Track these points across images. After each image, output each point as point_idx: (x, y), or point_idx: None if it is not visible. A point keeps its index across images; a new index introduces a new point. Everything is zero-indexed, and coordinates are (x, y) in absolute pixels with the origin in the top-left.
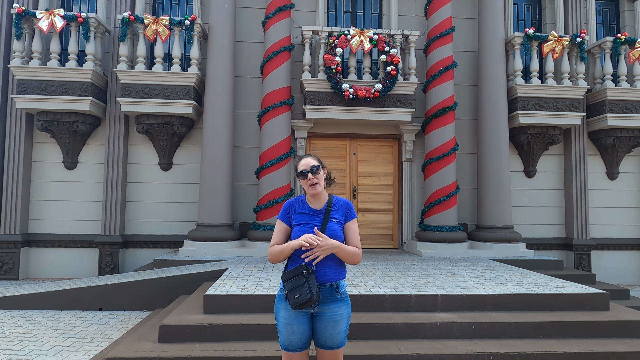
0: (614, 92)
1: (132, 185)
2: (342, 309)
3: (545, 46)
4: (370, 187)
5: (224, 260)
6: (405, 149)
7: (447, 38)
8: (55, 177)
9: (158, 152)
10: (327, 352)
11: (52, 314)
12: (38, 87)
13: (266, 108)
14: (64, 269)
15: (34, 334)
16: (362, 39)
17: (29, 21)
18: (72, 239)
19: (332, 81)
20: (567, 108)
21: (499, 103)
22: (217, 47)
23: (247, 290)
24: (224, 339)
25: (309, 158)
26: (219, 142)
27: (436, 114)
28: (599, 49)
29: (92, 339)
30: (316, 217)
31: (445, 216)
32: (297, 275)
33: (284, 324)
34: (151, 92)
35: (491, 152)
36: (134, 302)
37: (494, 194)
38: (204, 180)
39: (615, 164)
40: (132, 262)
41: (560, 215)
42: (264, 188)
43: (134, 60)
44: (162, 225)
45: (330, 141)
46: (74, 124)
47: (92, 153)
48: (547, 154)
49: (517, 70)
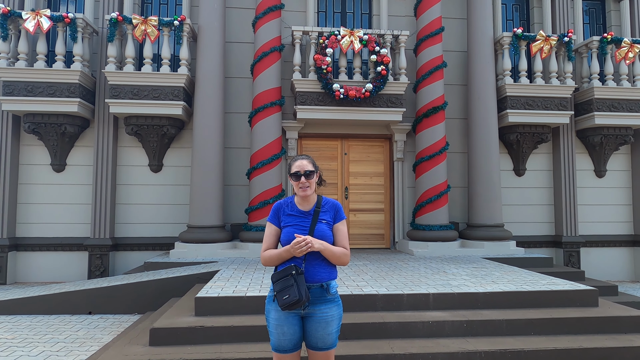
0: (601, 91)
1: (121, 187)
2: (332, 310)
3: (533, 46)
4: (362, 187)
5: (215, 262)
6: (397, 149)
7: (437, 38)
8: (43, 179)
9: (148, 154)
10: (318, 353)
11: (41, 318)
12: (25, 89)
13: (257, 109)
14: (53, 272)
15: (22, 339)
16: (353, 39)
17: (14, 22)
18: (61, 242)
19: (323, 81)
20: (555, 107)
21: (489, 102)
22: (206, 48)
23: (239, 292)
24: (216, 341)
25: (304, 161)
26: (209, 143)
27: (426, 113)
28: (586, 49)
29: (82, 344)
30: (305, 219)
31: (437, 215)
32: (286, 276)
33: (275, 325)
34: (140, 93)
35: (481, 151)
36: (125, 305)
37: (484, 193)
38: (194, 181)
39: (603, 161)
40: (123, 265)
41: (549, 213)
42: (255, 189)
43: (122, 61)
44: (152, 227)
45: (322, 141)
46: (62, 126)
47: (81, 155)
48: (536, 153)
49: (506, 70)
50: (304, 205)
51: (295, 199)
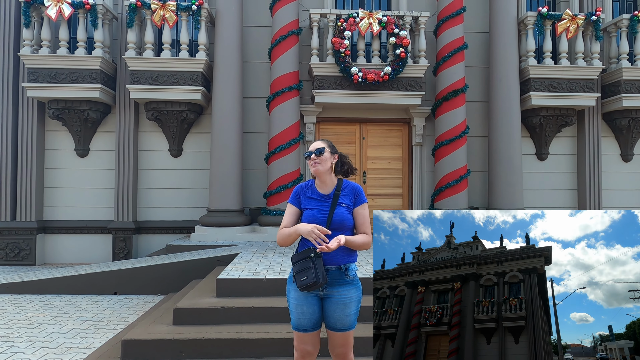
0: (630, 72)
1: (143, 172)
2: (351, 292)
3: (559, 25)
4: (380, 171)
5: (235, 245)
6: (415, 133)
7: (458, 19)
8: (67, 164)
9: (168, 139)
10: (336, 334)
11: (69, 298)
12: (48, 75)
13: (275, 93)
14: (79, 254)
15: (52, 317)
16: (371, 21)
17: (37, 9)
18: (86, 225)
19: (341, 65)
20: (581, 89)
21: (511, 85)
22: (224, 32)
23: (258, 274)
24: (236, 321)
25: (318, 141)
26: (228, 128)
27: (446, 96)
28: (615, 28)
29: (109, 322)
30: (324, 202)
31: (456, 200)
32: (305, 258)
33: (295, 304)
34: (160, 78)
35: (503, 134)
36: (148, 286)
37: (505, 177)
38: (214, 166)
39: (631, 145)
40: (145, 248)
41: (572, 198)
42: (273, 173)
43: (142, 46)
44: (173, 211)
45: (340, 126)
46: (85, 112)
47: (103, 140)
48: (559, 136)
49: (530, 51)
50: (323, 188)
51: (316, 181)
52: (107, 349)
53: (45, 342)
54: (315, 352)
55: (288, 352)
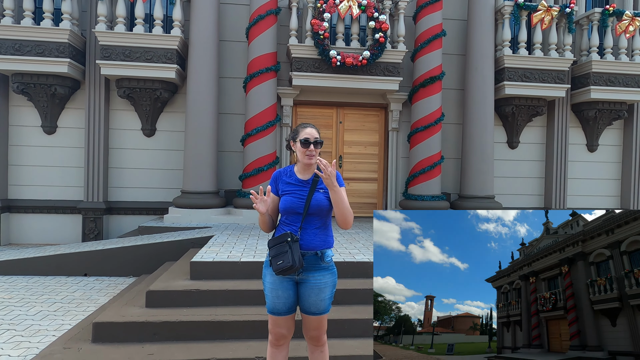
0: (599, 65)
1: (114, 151)
2: (326, 277)
3: (534, 16)
4: (356, 155)
5: (209, 227)
6: (392, 119)
7: (437, 5)
8: (34, 141)
9: (141, 118)
10: (311, 317)
11: (37, 279)
12: (12, 47)
13: (252, 74)
14: (47, 234)
15: (19, 299)
16: (351, 4)
17: None
18: (54, 204)
19: (320, 47)
20: (552, 80)
21: (486, 73)
22: (201, 9)
23: (233, 257)
24: (210, 304)
25: (313, 130)
26: (203, 109)
27: (423, 83)
28: (587, 20)
29: (79, 304)
30: (303, 187)
31: (429, 185)
32: (281, 242)
33: (270, 288)
34: (132, 54)
35: (476, 122)
36: (120, 268)
37: (477, 165)
38: (188, 147)
39: (596, 136)
40: (117, 229)
41: (540, 186)
42: (249, 156)
43: (113, 20)
44: (146, 192)
45: (317, 109)
46: (52, 87)
47: (72, 117)
48: (530, 126)
49: (506, 41)
50: (302, 174)
51: (295, 167)
52: (77, 332)
53: (12, 325)
54: (290, 335)
55: (262, 334)
